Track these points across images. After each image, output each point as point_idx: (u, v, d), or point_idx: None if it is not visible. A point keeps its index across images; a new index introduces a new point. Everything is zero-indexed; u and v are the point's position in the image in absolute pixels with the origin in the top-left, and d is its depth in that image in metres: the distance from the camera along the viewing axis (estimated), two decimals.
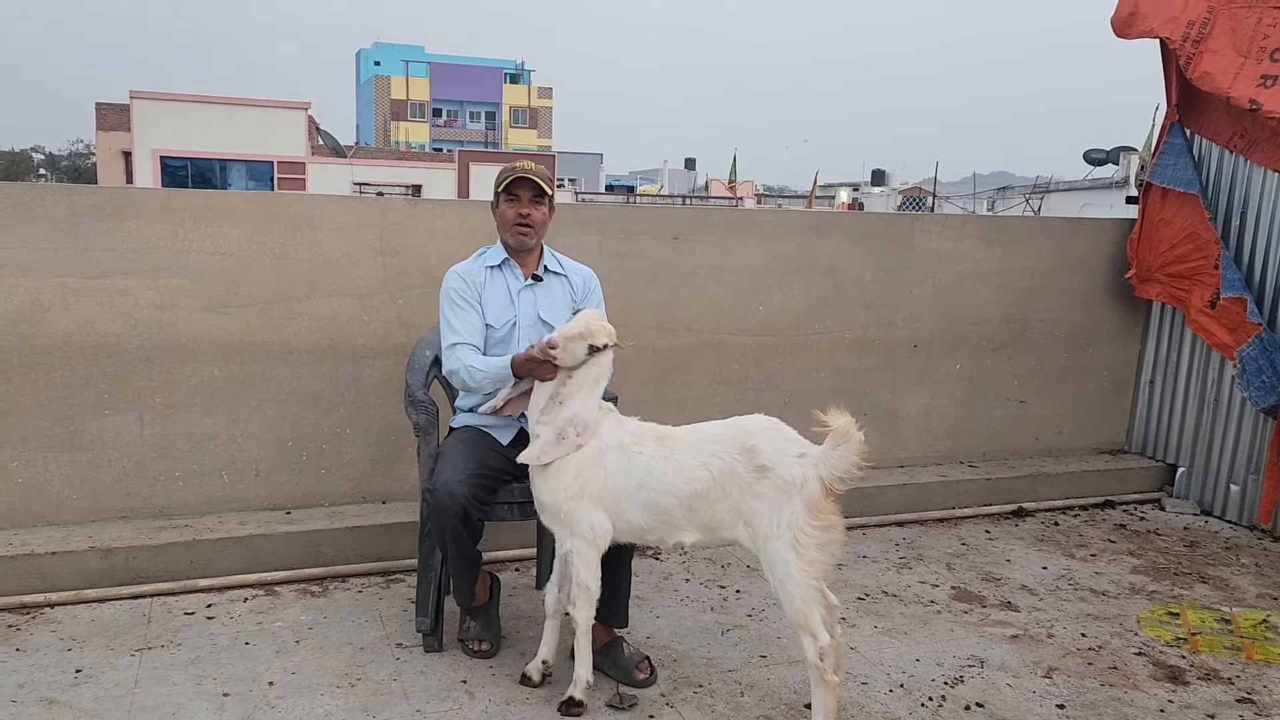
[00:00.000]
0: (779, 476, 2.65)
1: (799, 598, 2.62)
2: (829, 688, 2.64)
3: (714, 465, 2.72)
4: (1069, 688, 3.14)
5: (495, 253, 3.30)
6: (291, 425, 4.03)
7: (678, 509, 2.76)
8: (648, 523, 2.81)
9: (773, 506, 2.65)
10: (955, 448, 5.23)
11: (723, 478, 2.71)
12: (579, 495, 2.80)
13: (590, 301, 3.34)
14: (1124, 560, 4.34)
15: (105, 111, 30.92)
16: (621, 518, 2.82)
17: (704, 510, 2.75)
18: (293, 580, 3.74)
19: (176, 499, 3.92)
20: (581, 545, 2.82)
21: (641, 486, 2.78)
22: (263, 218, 3.91)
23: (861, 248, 4.91)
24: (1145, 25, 4.79)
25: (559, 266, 3.35)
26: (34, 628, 3.31)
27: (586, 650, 2.90)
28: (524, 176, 3.14)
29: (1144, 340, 5.52)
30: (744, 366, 4.73)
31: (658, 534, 2.84)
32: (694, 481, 2.73)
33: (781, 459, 2.67)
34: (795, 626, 2.67)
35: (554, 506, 2.84)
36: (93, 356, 3.74)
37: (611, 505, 2.81)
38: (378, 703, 2.90)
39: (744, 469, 2.69)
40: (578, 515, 2.81)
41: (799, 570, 2.62)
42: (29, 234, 3.62)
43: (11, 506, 3.72)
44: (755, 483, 2.67)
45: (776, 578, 2.66)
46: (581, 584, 2.83)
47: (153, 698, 2.88)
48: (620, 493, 2.80)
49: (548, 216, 3.25)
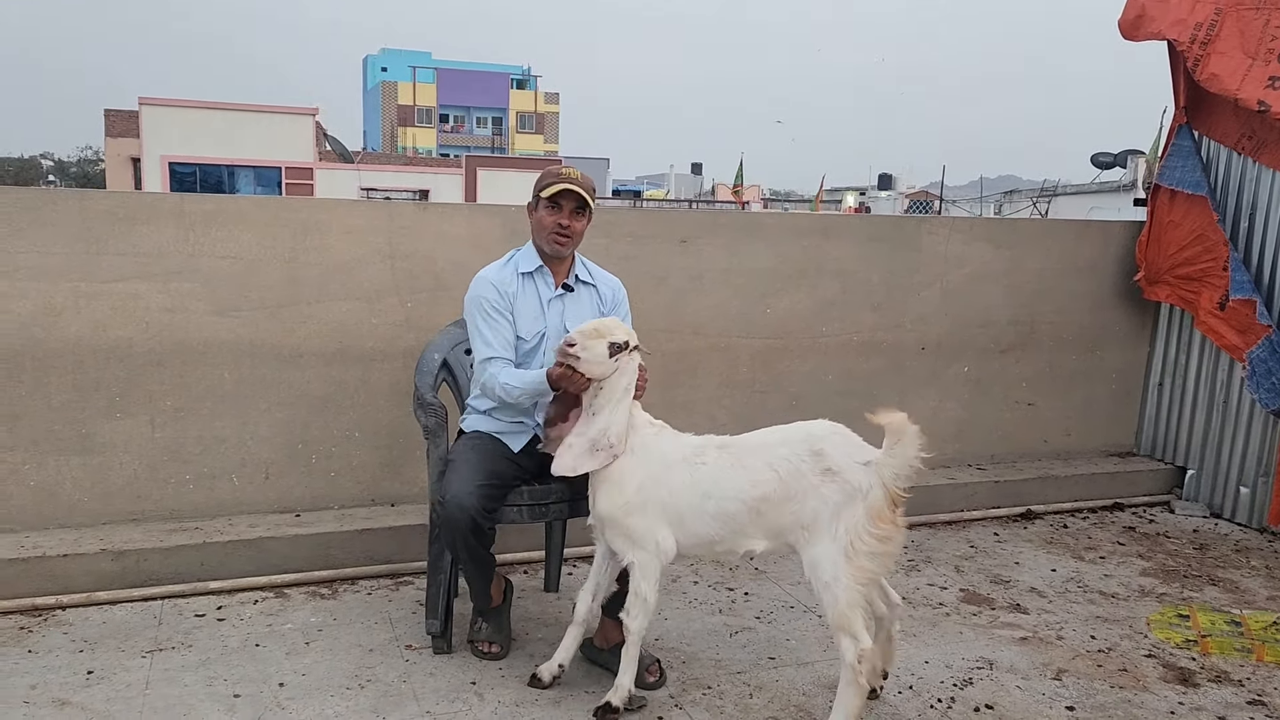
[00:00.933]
0: (846, 481, 2.64)
1: (844, 601, 2.61)
2: (860, 691, 2.63)
3: (781, 467, 2.71)
4: (1079, 690, 3.14)
5: (528, 257, 3.23)
6: (301, 428, 4.04)
7: (745, 515, 2.74)
8: (716, 533, 2.79)
9: (835, 510, 2.64)
10: (963, 450, 5.23)
11: (790, 479, 2.69)
12: (642, 509, 2.79)
13: (618, 312, 3.31)
14: (1133, 563, 4.33)
15: (114, 118, 31.06)
16: (688, 531, 2.81)
17: (771, 514, 2.73)
18: (302, 582, 3.76)
19: (187, 502, 3.94)
20: (646, 558, 2.81)
21: (708, 496, 2.76)
22: (273, 222, 3.93)
23: (869, 250, 4.91)
24: (1153, 27, 4.79)
25: (589, 276, 3.31)
26: (46, 629, 3.33)
27: (634, 660, 2.87)
28: (570, 189, 3.08)
29: (1153, 342, 5.51)
30: (751, 369, 4.74)
31: (727, 544, 2.82)
32: (761, 484, 2.71)
33: (849, 464, 2.66)
34: (836, 629, 2.64)
35: (614, 520, 2.83)
36: (104, 360, 3.76)
37: (677, 520, 2.80)
38: (387, 704, 2.91)
39: (811, 471, 2.68)
40: (642, 529, 2.80)
41: (847, 575, 2.60)
42: (42, 238, 3.65)
43: (23, 509, 3.74)
44: (822, 485, 2.66)
45: (823, 580, 2.64)
46: (642, 596, 2.81)
47: (164, 699, 2.90)
48: (686, 506, 2.78)
49: (586, 226, 3.21)
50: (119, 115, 30.91)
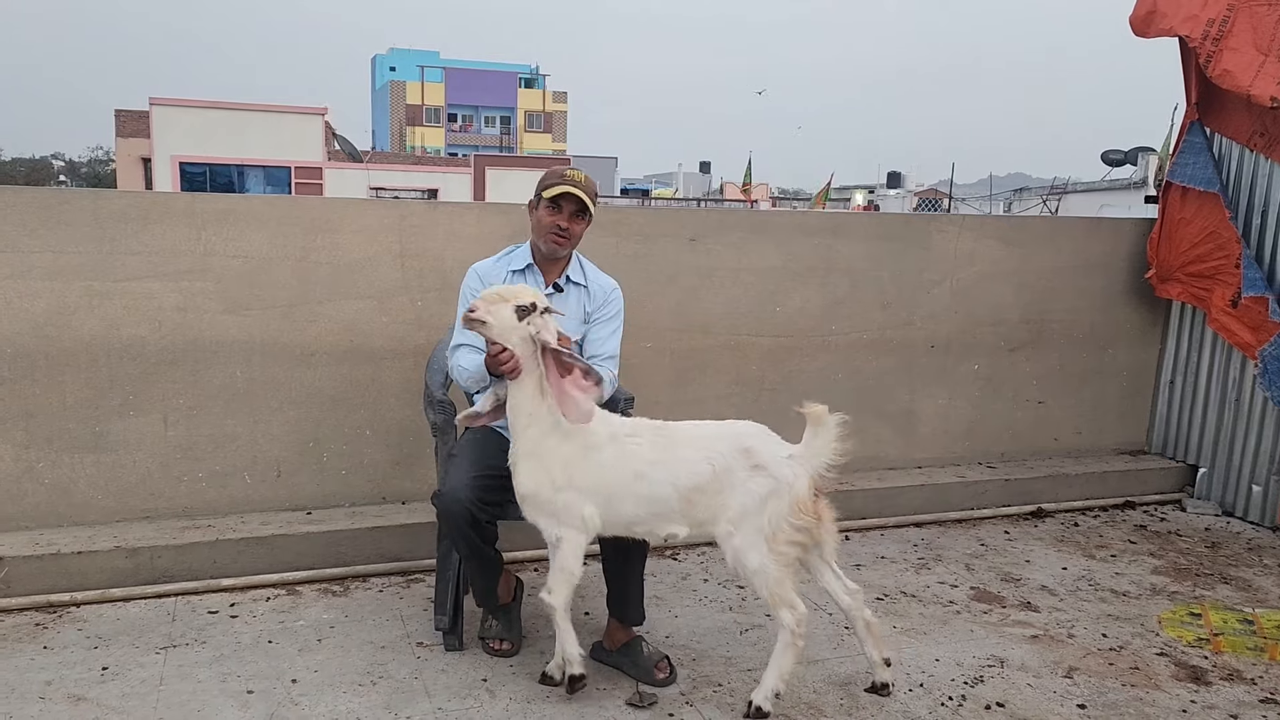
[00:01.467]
0: (772, 475, 2.77)
1: (774, 579, 2.77)
2: (796, 653, 2.82)
3: (717, 461, 2.79)
4: (1090, 688, 3.13)
5: (521, 256, 3.26)
6: (312, 426, 4.06)
7: (675, 500, 2.79)
8: (640, 514, 2.83)
9: (761, 502, 2.76)
10: (974, 448, 5.22)
11: (723, 474, 2.79)
12: (567, 486, 2.79)
13: (604, 313, 3.28)
14: (1145, 561, 4.32)
15: (125, 118, 31.19)
16: (613, 511, 2.82)
17: (700, 503, 2.80)
18: (314, 580, 3.78)
19: (199, 499, 3.96)
20: (572, 533, 2.82)
21: (640, 477, 2.79)
22: (284, 221, 3.95)
23: (879, 248, 4.91)
24: (1164, 24, 4.77)
25: (581, 277, 3.31)
26: (61, 626, 3.35)
27: (569, 630, 2.89)
28: (572, 192, 3.08)
29: (1164, 340, 5.49)
30: (761, 368, 4.74)
31: (647, 526, 2.86)
32: (697, 475, 2.78)
33: (775, 459, 2.80)
34: (775, 605, 2.79)
35: (538, 497, 2.82)
36: (118, 359, 3.79)
37: (604, 499, 2.81)
38: (399, 700, 2.92)
39: (741, 467, 2.79)
40: (567, 505, 2.80)
41: (771, 560, 2.77)
42: (56, 238, 3.67)
43: (38, 507, 3.77)
44: (749, 480, 2.78)
45: (751, 568, 2.78)
46: (567, 569, 2.83)
47: (178, 695, 2.91)
48: (614, 485, 2.80)
49: (584, 230, 3.22)
50: (130, 115, 31.05)
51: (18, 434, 3.71)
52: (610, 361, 3.26)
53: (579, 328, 3.26)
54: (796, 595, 2.80)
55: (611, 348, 3.27)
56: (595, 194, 3.18)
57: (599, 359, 3.23)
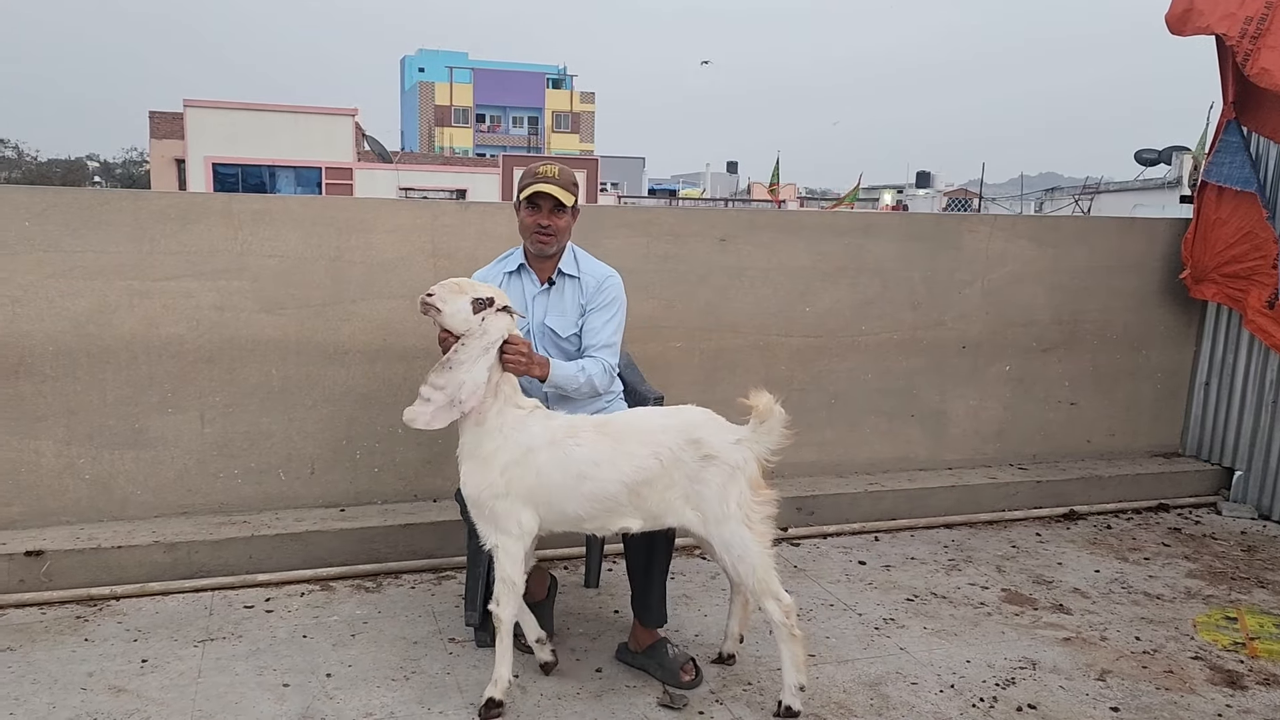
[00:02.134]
0: (724, 462, 2.81)
1: (759, 567, 2.81)
2: (797, 641, 2.85)
3: (664, 454, 2.80)
4: (1123, 691, 3.11)
5: (515, 257, 3.32)
6: (346, 424, 4.11)
7: (624, 495, 2.80)
8: (588, 512, 2.83)
9: (720, 490, 2.81)
10: (1004, 450, 5.19)
11: (671, 466, 2.81)
12: (505, 494, 2.79)
13: (598, 301, 3.26)
14: (1179, 564, 4.27)
15: (159, 120, 31.57)
16: (556, 511, 2.83)
17: (651, 497, 2.82)
18: (347, 576, 3.82)
19: (235, 496, 4.02)
20: (508, 541, 2.82)
21: (584, 478, 2.79)
22: (318, 221, 4.00)
23: (909, 248, 4.89)
24: (1201, 22, 4.72)
25: (575, 269, 3.30)
26: (101, 619, 3.41)
27: (508, 651, 2.87)
28: (542, 191, 3.10)
29: (1199, 341, 5.43)
30: (790, 368, 4.74)
31: (598, 522, 2.86)
32: (644, 469, 2.79)
33: (724, 446, 2.82)
34: (758, 595, 2.84)
35: (479, 502, 2.82)
36: (156, 356, 3.85)
37: (544, 502, 2.81)
38: (432, 695, 2.95)
39: (691, 458, 2.81)
40: (504, 513, 2.80)
41: (754, 542, 2.81)
42: (98, 238, 3.74)
43: (79, 502, 3.84)
44: (702, 470, 2.81)
45: (735, 554, 2.82)
46: (507, 579, 2.83)
47: (216, 687, 2.96)
48: (556, 488, 2.80)
49: (571, 222, 3.22)
50: (163, 117, 31.42)
51: (60, 430, 3.78)
52: (605, 351, 3.23)
53: (575, 320, 3.26)
54: (780, 586, 2.84)
55: (606, 336, 3.24)
56: (573, 184, 3.18)
57: (594, 348, 3.22)
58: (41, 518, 3.80)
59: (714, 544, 2.85)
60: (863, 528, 4.56)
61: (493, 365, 2.82)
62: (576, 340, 3.28)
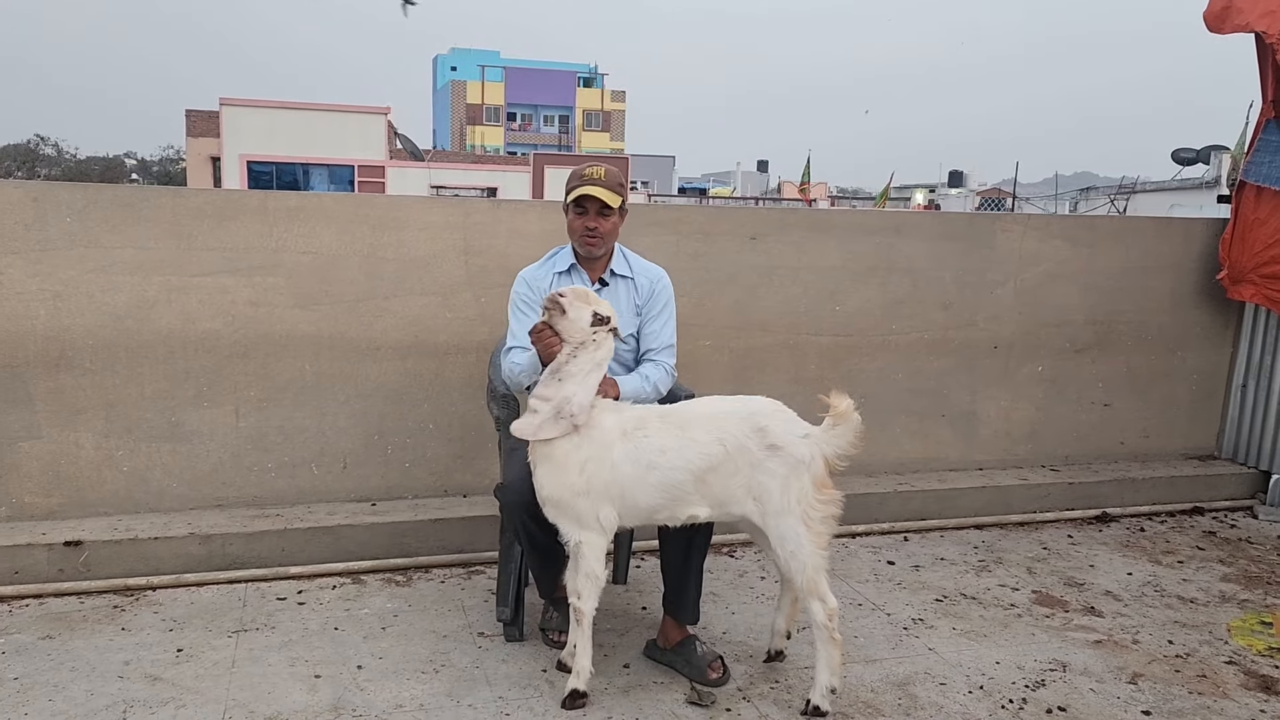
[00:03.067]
0: (790, 455, 2.79)
1: (810, 566, 2.81)
2: (835, 645, 2.83)
3: (728, 441, 2.80)
4: (1155, 694, 3.08)
5: (564, 257, 3.32)
6: (378, 419, 4.15)
7: (690, 484, 2.80)
8: (659, 502, 2.83)
9: (783, 483, 2.78)
10: (1036, 451, 5.15)
11: (736, 452, 2.80)
12: (586, 491, 2.80)
13: (655, 304, 3.32)
14: (1213, 568, 4.22)
15: (195, 118, 32.00)
16: (630, 504, 2.84)
17: (716, 484, 2.81)
18: (378, 569, 3.86)
19: (268, 489, 4.07)
20: (592, 537, 2.84)
21: (653, 468, 2.80)
22: (352, 218, 4.04)
23: (941, 248, 4.86)
24: (1241, 19, 4.65)
25: (627, 269, 3.33)
26: (138, 609, 3.47)
27: (588, 641, 2.90)
28: (589, 194, 3.12)
29: (1236, 343, 5.36)
30: (820, 367, 4.73)
31: (668, 512, 2.86)
32: (709, 456, 2.79)
33: (791, 439, 2.81)
34: (805, 594, 2.83)
35: (561, 502, 2.84)
36: (193, 351, 3.91)
37: (619, 495, 2.82)
38: (461, 689, 2.98)
39: (756, 446, 2.80)
40: (586, 510, 2.81)
41: (809, 540, 2.80)
42: (136, 234, 3.80)
43: (117, 494, 3.91)
44: (767, 460, 2.79)
45: (788, 549, 2.81)
46: (591, 574, 2.85)
47: (249, 677, 3.01)
48: (629, 480, 2.81)
49: (618, 224, 3.25)
50: (200, 115, 31.84)
51: (99, 423, 3.85)
52: (667, 351, 3.30)
53: (632, 320, 3.30)
54: (828, 588, 2.84)
55: (667, 337, 3.32)
56: (619, 185, 3.19)
57: (656, 351, 3.29)
58: (80, 509, 3.87)
59: (769, 536, 2.84)
60: (892, 527, 4.54)
61: (598, 382, 2.85)
62: (633, 340, 3.31)
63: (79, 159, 52.71)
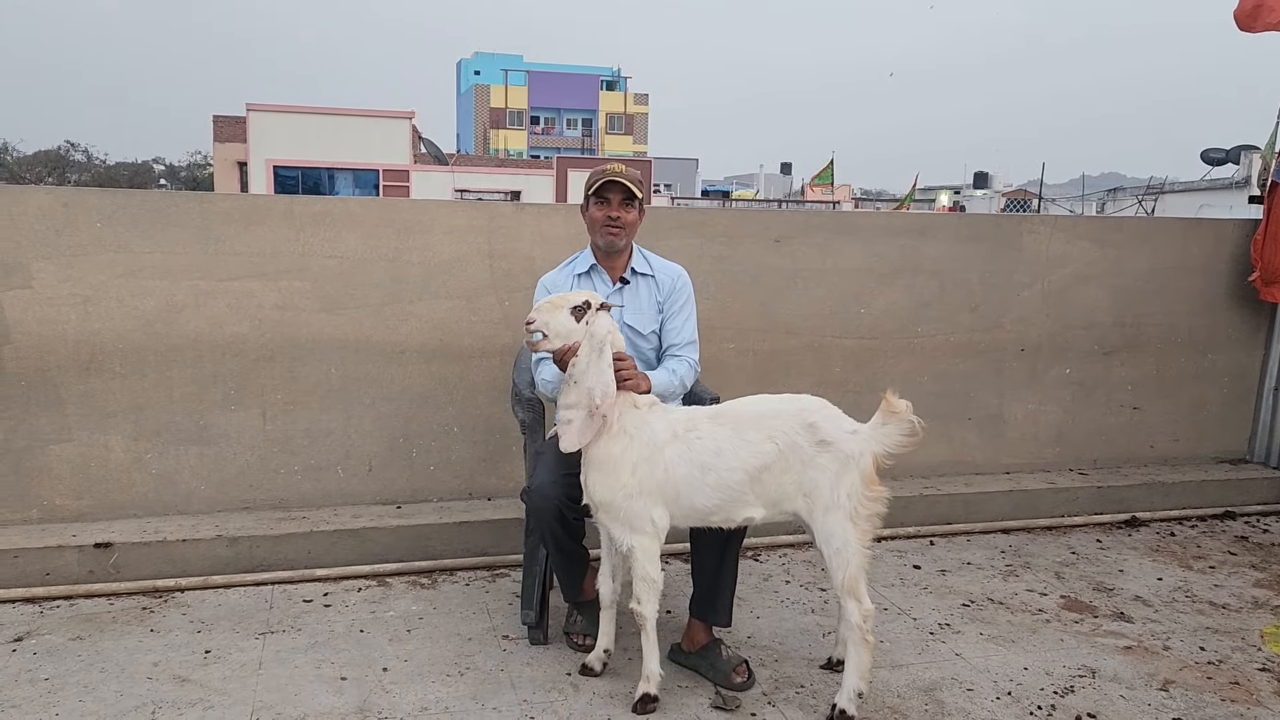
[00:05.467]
0: (840, 450, 2.79)
1: (854, 564, 2.80)
2: (867, 648, 2.81)
3: (780, 439, 2.80)
4: (1186, 701, 3.04)
5: (584, 259, 3.33)
6: (403, 423, 4.17)
7: (745, 484, 2.80)
8: (714, 503, 2.83)
9: (833, 479, 2.79)
10: (1064, 454, 5.10)
11: (788, 450, 2.80)
12: (638, 493, 2.79)
13: (675, 301, 3.33)
14: (1245, 573, 4.16)
15: (222, 124, 32.31)
16: (685, 505, 2.83)
17: (770, 483, 2.81)
18: (403, 572, 3.88)
19: (295, 492, 4.10)
20: (644, 540, 2.83)
21: (707, 469, 2.79)
22: (378, 223, 4.06)
23: (967, 250, 4.83)
24: (1272, 18, 4.60)
25: (647, 267, 3.35)
26: (166, 610, 3.51)
27: (654, 645, 2.90)
28: (614, 180, 3.16)
29: (1268, 345, 5.28)
30: (845, 370, 4.70)
31: (724, 513, 2.86)
32: (762, 455, 2.79)
33: (840, 435, 2.82)
34: (844, 592, 2.82)
35: (613, 505, 2.83)
36: (221, 355, 3.94)
37: (673, 497, 2.82)
38: (486, 691, 2.98)
39: (807, 443, 2.80)
40: (639, 512, 2.81)
41: (854, 538, 2.79)
42: (165, 239, 3.84)
43: (145, 496, 3.95)
44: (817, 456, 2.79)
45: (834, 546, 2.81)
46: (648, 578, 2.85)
47: (276, 679, 3.03)
48: (683, 481, 2.80)
49: (638, 218, 3.27)
50: (226, 121, 32.16)
51: (128, 426, 3.89)
52: (690, 347, 3.32)
53: (654, 317, 3.31)
54: (866, 591, 2.83)
55: (689, 333, 3.33)
56: (639, 183, 3.21)
57: (678, 347, 3.30)
58: (110, 511, 3.91)
59: (816, 532, 2.84)
60: (918, 531, 4.51)
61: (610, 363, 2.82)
62: (655, 338, 3.32)
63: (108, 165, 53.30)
